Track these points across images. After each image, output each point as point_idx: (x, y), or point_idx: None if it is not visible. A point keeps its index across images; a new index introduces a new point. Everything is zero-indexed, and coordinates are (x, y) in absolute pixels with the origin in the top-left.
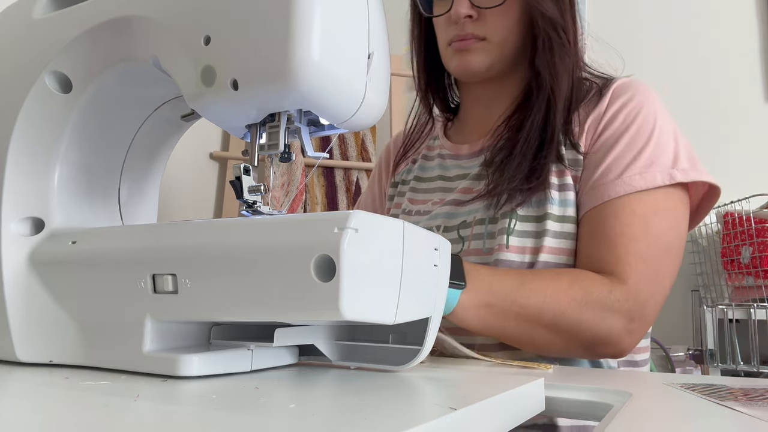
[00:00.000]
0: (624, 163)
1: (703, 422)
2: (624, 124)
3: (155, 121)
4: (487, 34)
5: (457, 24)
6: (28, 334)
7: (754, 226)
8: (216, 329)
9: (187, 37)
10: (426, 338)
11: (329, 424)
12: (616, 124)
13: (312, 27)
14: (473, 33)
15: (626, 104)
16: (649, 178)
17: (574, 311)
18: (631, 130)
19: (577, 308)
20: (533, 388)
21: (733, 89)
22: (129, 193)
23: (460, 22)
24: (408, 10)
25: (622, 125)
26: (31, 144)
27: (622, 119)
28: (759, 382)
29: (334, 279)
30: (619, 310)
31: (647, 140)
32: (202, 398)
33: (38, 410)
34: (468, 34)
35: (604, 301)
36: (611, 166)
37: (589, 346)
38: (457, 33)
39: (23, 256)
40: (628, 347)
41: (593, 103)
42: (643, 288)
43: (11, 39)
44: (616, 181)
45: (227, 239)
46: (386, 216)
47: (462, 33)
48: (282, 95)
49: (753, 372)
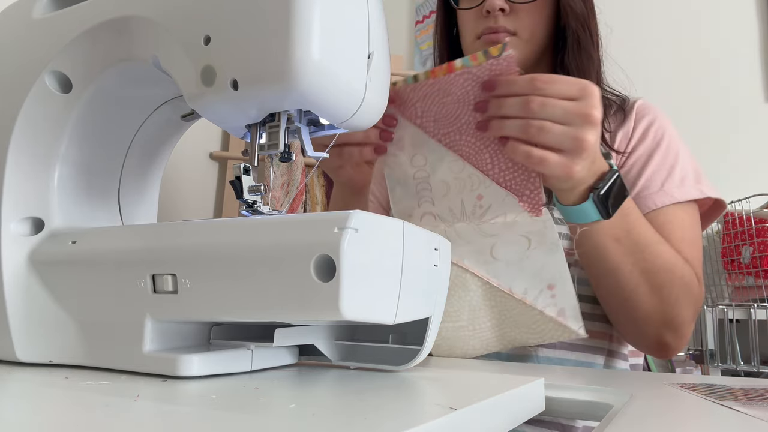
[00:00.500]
0: (662, 176)
1: (703, 422)
2: (654, 141)
3: (155, 121)
4: (517, 29)
5: (488, 17)
6: (28, 334)
7: (754, 226)
8: (216, 329)
9: (187, 37)
10: (426, 338)
11: (329, 424)
12: (647, 142)
13: (312, 27)
14: (505, 27)
15: (652, 123)
16: (685, 191)
17: (681, 289)
18: (661, 148)
19: (684, 288)
20: (533, 388)
21: (733, 89)
22: (129, 193)
23: (493, 15)
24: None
25: (652, 143)
26: (31, 144)
27: (652, 137)
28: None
29: (334, 279)
30: (696, 309)
31: (675, 159)
32: (202, 398)
33: (38, 410)
34: (500, 27)
35: (698, 297)
36: (652, 179)
37: (663, 326)
38: (490, 26)
39: (23, 256)
40: (680, 347)
41: (619, 119)
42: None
43: (11, 39)
44: (659, 192)
45: (227, 239)
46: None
47: (495, 26)
48: (282, 95)
49: (753, 372)
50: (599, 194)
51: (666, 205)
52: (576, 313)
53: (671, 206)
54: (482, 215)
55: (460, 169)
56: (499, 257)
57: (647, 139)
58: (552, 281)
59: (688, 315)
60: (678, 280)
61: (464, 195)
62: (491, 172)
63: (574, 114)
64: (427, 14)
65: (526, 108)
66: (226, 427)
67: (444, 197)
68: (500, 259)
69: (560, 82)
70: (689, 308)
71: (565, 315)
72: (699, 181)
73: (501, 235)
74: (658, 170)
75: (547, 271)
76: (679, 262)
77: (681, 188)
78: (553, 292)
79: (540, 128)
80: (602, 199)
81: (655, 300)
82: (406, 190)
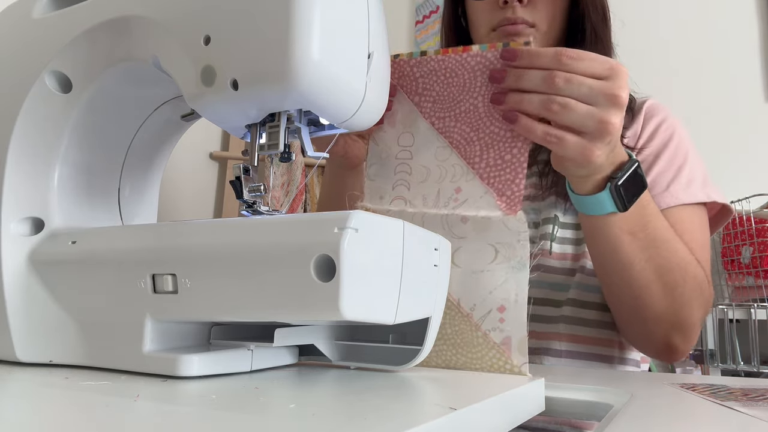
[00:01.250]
0: (669, 177)
1: (703, 422)
2: (662, 142)
3: (155, 121)
4: (536, 21)
5: (505, 8)
6: (28, 334)
7: (754, 226)
8: (216, 329)
9: (187, 37)
10: (426, 338)
11: (329, 424)
12: (655, 143)
13: (312, 27)
14: (524, 18)
15: (661, 124)
16: (691, 193)
17: (693, 290)
18: (669, 149)
19: (697, 289)
20: (533, 388)
21: (733, 89)
22: (129, 193)
23: (511, 5)
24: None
25: (660, 143)
26: (31, 144)
27: (660, 138)
28: (759, 382)
29: (334, 279)
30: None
31: (684, 160)
32: (202, 398)
33: (38, 410)
34: (518, 18)
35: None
36: (657, 180)
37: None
38: (507, 17)
39: (23, 256)
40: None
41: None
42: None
43: (11, 39)
44: (664, 193)
45: (227, 239)
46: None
47: (513, 17)
48: (282, 95)
49: (753, 372)
50: (617, 184)
51: (672, 207)
52: (523, 347)
53: (680, 207)
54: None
55: (446, 157)
56: (460, 264)
57: (656, 138)
58: (505, 303)
59: (698, 317)
60: (691, 280)
61: (443, 184)
62: (478, 166)
63: (601, 93)
64: (427, 14)
65: (550, 83)
66: (226, 427)
67: (421, 183)
68: (460, 266)
69: (588, 58)
70: (700, 310)
71: (510, 345)
72: (706, 185)
73: (468, 239)
74: (665, 171)
75: (504, 290)
76: (693, 262)
77: (687, 190)
78: (502, 315)
79: (563, 106)
80: (619, 190)
81: (667, 300)
82: (384, 169)
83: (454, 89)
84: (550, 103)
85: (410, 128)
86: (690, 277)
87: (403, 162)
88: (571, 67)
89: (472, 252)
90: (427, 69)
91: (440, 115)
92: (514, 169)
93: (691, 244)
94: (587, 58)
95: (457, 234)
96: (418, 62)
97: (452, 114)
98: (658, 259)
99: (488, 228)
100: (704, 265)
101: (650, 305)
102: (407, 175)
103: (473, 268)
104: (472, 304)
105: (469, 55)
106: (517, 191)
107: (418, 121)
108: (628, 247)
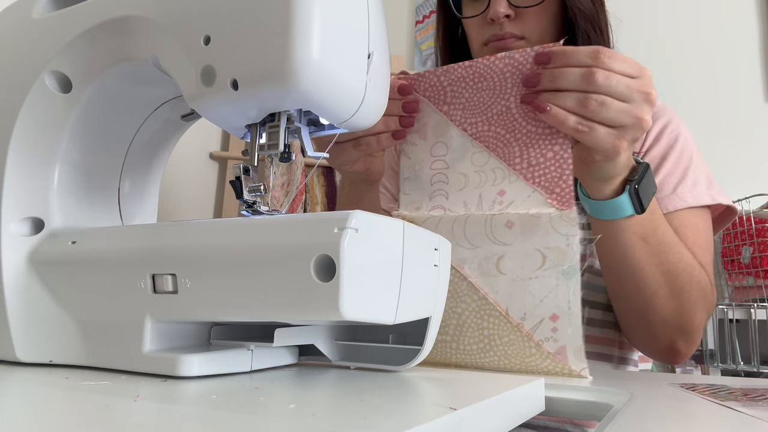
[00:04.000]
0: (675, 179)
1: (703, 422)
2: (668, 144)
3: (155, 121)
4: (525, 33)
5: (494, 24)
6: (28, 334)
7: (754, 226)
8: (216, 329)
9: (187, 37)
10: (426, 338)
11: (329, 424)
12: (661, 145)
13: (312, 27)
14: (512, 32)
15: (666, 126)
16: (697, 196)
17: (698, 294)
18: (675, 151)
19: (701, 293)
20: (533, 388)
21: (733, 89)
22: (129, 193)
23: (498, 22)
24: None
25: (666, 145)
26: (31, 144)
27: (666, 140)
28: (759, 382)
29: (334, 279)
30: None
31: (689, 163)
32: (202, 398)
33: (38, 410)
34: (506, 33)
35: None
36: (665, 182)
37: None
38: (496, 33)
39: (23, 256)
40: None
41: None
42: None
43: (11, 39)
44: (671, 196)
45: (227, 239)
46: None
47: (501, 33)
48: (282, 95)
49: (753, 372)
50: (635, 186)
51: (679, 209)
52: (579, 354)
53: (685, 210)
54: (501, 210)
55: (484, 161)
56: (505, 271)
57: (661, 141)
58: (558, 311)
59: (702, 321)
60: (696, 284)
61: (484, 189)
62: (519, 166)
63: (636, 91)
64: (427, 14)
65: (590, 80)
66: (226, 427)
67: (460, 191)
68: (506, 273)
69: (620, 58)
70: (703, 314)
71: (565, 354)
72: (710, 187)
73: (513, 245)
74: (672, 173)
75: (555, 298)
76: (697, 267)
77: (693, 193)
78: (555, 324)
79: (601, 103)
80: (638, 192)
81: (674, 304)
82: (419, 183)
83: (485, 93)
84: (587, 100)
85: (442, 138)
86: (695, 282)
87: (439, 172)
88: (608, 65)
89: (518, 258)
90: (455, 77)
91: (472, 121)
92: (559, 165)
93: (694, 248)
94: (620, 58)
95: (501, 240)
96: (444, 71)
97: (484, 118)
98: (667, 265)
99: (535, 232)
100: (707, 269)
101: (657, 310)
102: (444, 185)
103: (520, 276)
104: (522, 314)
105: (497, 59)
106: (566, 187)
107: (450, 129)
108: (639, 252)
